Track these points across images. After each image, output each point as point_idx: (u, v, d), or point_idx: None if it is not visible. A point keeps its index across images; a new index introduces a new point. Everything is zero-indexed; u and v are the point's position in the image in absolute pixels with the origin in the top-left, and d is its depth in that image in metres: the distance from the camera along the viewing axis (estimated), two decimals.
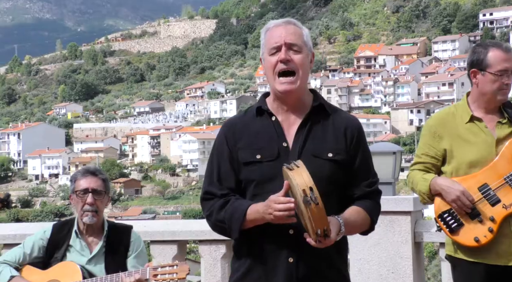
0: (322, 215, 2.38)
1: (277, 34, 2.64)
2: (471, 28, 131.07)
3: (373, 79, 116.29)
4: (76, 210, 3.53)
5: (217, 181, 2.68)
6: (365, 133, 2.75)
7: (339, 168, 2.62)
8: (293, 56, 2.62)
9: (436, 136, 3.37)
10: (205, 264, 4.97)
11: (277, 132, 2.64)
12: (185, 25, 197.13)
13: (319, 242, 2.43)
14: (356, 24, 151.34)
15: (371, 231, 2.76)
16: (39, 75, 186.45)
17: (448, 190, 3.25)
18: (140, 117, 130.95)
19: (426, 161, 3.39)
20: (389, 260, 4.76)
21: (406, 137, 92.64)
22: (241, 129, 2.68)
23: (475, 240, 3.22)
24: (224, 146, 2.69)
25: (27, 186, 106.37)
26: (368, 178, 2.70)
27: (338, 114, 2.70)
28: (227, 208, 2.62)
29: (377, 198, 2.73)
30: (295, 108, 2.67)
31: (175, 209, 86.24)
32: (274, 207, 2.47)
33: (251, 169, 2.63)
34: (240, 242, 2.68)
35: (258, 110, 2.69)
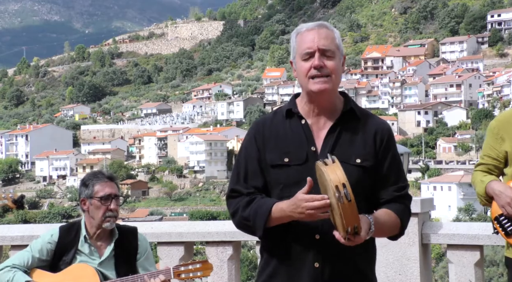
0: (354, 212, 2.36)
1: (309, 39, 2.61)
2: (479, 30, 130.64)
3: (380, 80, 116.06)
4: (93, 215, 3.48)
5: (244, 180, 2.66)
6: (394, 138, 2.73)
7: (367, 173, 2.60)
8: (326, 62, 2.60)
9: (499, 138, 3.32)
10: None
11: (306, 136, 2.63)
12: (192, 27, 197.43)
13: (349, 239, 2.41)
14: (364, 26, 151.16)
15: (400, 235, 2.71)
16: (47, 77, 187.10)
17: (499, 195, 3.23)
18: (147, 119, 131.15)
19: (488, 162, 3.36)
20: (396, 262, 4.75)
21: (414, 139, 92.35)
22: (270, 130, 2.66)
23: None
24: (253, 145, 2.67)
25: (35, 187, 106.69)
26: (398, 183, 2.67)
27: (368, 119, 2.67)
28: (252, 205, 2.60)
29: (407, 203, 2.69)
30: (325, 111, 2.65)
31: (182, 210, 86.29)
32: (307, 205, 2.44)
33: (278, 171, 2.62)
34: (266, 244, 2.68)
35: (288, 113, 2.68)
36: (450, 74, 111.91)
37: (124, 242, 3.52)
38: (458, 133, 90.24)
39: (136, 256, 3.53)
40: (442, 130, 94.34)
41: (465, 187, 70.63)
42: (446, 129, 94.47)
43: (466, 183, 70.26)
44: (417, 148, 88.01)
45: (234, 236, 4.88)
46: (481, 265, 4.61)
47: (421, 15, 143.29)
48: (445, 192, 71.44)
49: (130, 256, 3.52)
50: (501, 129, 3.32)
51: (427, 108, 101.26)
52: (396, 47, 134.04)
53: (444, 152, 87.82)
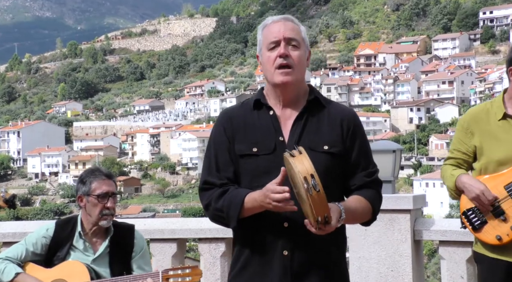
0: (323, 202, 2.37)
1: (275, 30, 2.64)
2: (471, 27, 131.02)
3: (373, 77, 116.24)
4: (90, 213, 3.48)
5: (216, 171, 2.66)
6: (362, 123, 2.74)
7: (335, 160, 2.62)
8: (291, 51, 2.62)
9: (468, 132, 3.35)
10: (205, 262, 4.97)
11: (274, 126, 2.64)
12: (185, 24, 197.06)
13: (320, 229, 2.42)
14: (356, 23, 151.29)
15: (373, 221, 2.72)
16: (39, 74, 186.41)
17: (469, 188, 3.25)
18: (140, 116, 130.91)
19: (458, 157, 3.39)
20: (388, 258, 4.76)
21: (406, 136, 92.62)
22: (239, 121, 2.68)
23: (497, 238, 3.22)
24: (222, 136, 2.68)
25: (27, 184, 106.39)
26: (367, 168, 2.68)
27: (333, 107, 2.70)
28: (225, 196, 2.60)
29: (378, 188, 2.71)
30: (291, 102, 2.66)
31: (175, 207, 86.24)
32: (271, 197, 2.46)
33: (246, 161, 2.63)
34: (237, 233, 2.68)
35: (256, 103, 2.70)
36: (442, 71, 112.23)
37: (119, 239, 3.51)
38: (451, 130, 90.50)
39: (131, 254, 3.52)
40: (435, 127, 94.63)
41: None
42: (439, 126, 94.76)
43: None
44: (410, 145, 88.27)
45: (227, 232, 4.88)
46: (473, 261, 4.62)
47: (414, 12, 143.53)
48: (437, 189, 71.65)
49: (125, 254, 3.51)
50: (471, 124, 3.35)
51: (419, 105, 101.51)
52: (388, 44, 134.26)
53: (436, 148, 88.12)
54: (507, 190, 3.23)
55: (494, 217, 3.24)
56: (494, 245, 3.24)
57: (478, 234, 3.28)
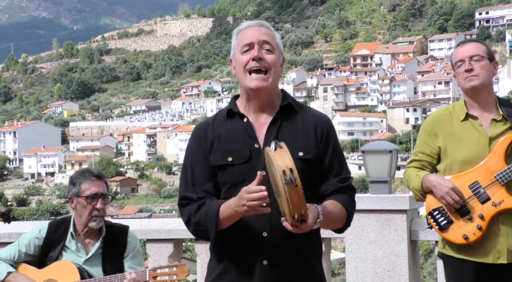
0: (301, 198, 2.31)
1: (250, 34, 2.63)
2: (467, 27, 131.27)
3: (369, 77, 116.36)
4: (80, 214, 3.48)
5: (192, 185, 2.65)
6: (336, 130, 2.73)
7: (310, 166, 2.60)
8: (265, 55, 2.61)
9: (432, 134, 3.38)
10: (201, 263, 4.97)
11: (248, 133, 2.62)
12: (181, 24, 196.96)
13: (296, 227, 2.37)
14: (353, 23, 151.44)
15: (347, 227, 2.70)
16: (35, 74, 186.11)
17: (438, 186, 3.26)
18: (136, 116, 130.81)
19: (422, 159, 3.40)
20: (385, 258, 4.76)
21: (402, 136, 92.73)
22: (213, 132, 2.66)
23: (464, 238, 3.23)
24: (197, 149, 2.67)
25: (23, 184, 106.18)
26: (341, 174, 2.66)
27: (307, 112, 2.68)
28: (201, 209, 2.58)
29: (352, 194, 2.68)
30: (265, 108, 2.64)
31: (171, 208, 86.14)
32: (246, 197, 2.41)
33: (223, 172, 2.61)
34: (216, 243, 2.65)
35: (229, 113, 2.67)
36: (438, 71, 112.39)
37: (112, 240, 3.51)
38: None
39: (123, 254, 3.52)
40: None
41: None
42: None
43: None
44: (406, 145, 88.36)
45: None
46: None
47: (410, 13, 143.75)
48: None
49: (117, 254, 3.51)
50: (435, 126, 3.38)
51: (415, 106, 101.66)
52: (385, 44, 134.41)
53: None
54: (471, 190, 3.25)
55: (460, 216, 3.24)
56: (461, 244, 3.24)
57: (444, 234, 3.28)
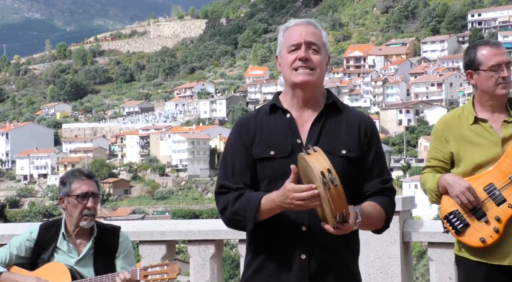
0: (342, 197, 2.33)
1: (297, 33, 2.64)
2: (460, 29, 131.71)
3: (362, 79, 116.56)
4: (71, 214, 3.48)
5: (232, 175, 2.66)
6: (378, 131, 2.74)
7: (352, 164, 2.61)
8: (312, 55, 2.63)
9: (443, 140, 3.36)
10: (194, 264, 4.96)
11: (291, 129, 2.64)
12: (175, 25, 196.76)
13: (337, 228, 2.39)
14: (346, 25, 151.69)
15: (385, 229, 2.72)
16: (27, 75, 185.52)
17: (454, 185, 3.23)
18: (129, 117, 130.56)
19: (435, 165, 3.39)
20: (377, 260, 4.77)
21: (395, 138, 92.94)
22: (255, 126, 2.67)
23: (481, 241, 3.21)
24: (238, 142, 2.67)
25: (15, 186, 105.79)
26: (382, 175, 2.68)
27: (350, 112, 2.70)
28: (241, 199, 2.59)
29: (392, 196, 2.70)
30: (309, 105, 2.66)
31: (164, 209, 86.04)
32: (295, 196, 2.42)
33: (264, 165, 2.62)
34: (253, 238, 2.67)
35: (272, 108, 2.68)
36: (431, 73, 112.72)
37: (103, 240, 3.51)
38: None
39: (115, 255, 3.52)
40: (424, 129, 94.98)
41: None
42: (427, 128, 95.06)
43: None
44: (399, 147, 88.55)
45: (217, 234, 4.88)
46: None
47: (403, 15, 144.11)
48: None
49: (109, 254, 3.51)
50: (445, 131, 3.36)
51: (408, 107, 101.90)
52: (378, 46, 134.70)
53: (425, 150, 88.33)
54: (486, 192, 3.23)
55: (477, 219, 3.22)
56: (478, 247, 3.22)
57: (461, 237, 3.26)
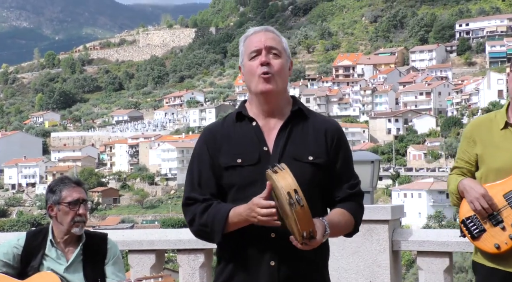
0: (308, 217, 2.37)
1: (256, 39, 2.66)
2: (448, 38, 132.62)
3: (351, 88, 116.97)
4: (62, 221, 3.47)
5: (198, 186, 2.66)
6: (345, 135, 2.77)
7: (320, 170, 2.62)
8: (273, 60, 2.63)
9: (471, 142, 3.34)
10: (184, 274, 4.95)
11: (257, 137, 2.64)
12: (164, 34, 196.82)
13: (305, 244, 2.42)
14: (335, 34, 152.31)
15: (355, 232, 2.76)
16: (16, 84, 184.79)
17: (469, 190, 3.23)
18: (118, 126, 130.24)
19: (461, 166, 3.38)
20: (367, 269, 4.77)
21: (384, 146, 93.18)
22: (222, 135, 2.67)
23: (496, 247, 3.20)
24: (205, 152, 2.67)
25: (3, 195, 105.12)
26: (350, 180, 2.70)
27: (317, 118, 2.71)
28: (209, 211, 2.60)
29: (360, 200, 2.73)
30: (274, 113, 2.67)
31: (154, 218, 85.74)
32: (257, 211, 2.46)
33: (231, 173, 2.62)
34: (223, 247, 2.68)
35: (238, 116, 2.69)
36: (419, 82, 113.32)
37: (92, 246, 3.51)
38: (428, 140, 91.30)
39: (104, 261, 3.52)
40: (412, 137, 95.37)
41: (435, 194, 71.36)
42: (416, 137, 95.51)
43: (436, 190, 70.95)
44: (388, 155, 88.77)
45: (206, 243, 4.86)
46: (450, 271, 4.66)
47: (391, 24, 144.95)
48: (415, 199, 72.12)
49: (98, 261, 3.50)
50: (474, 133, 3.35)
51: (397, 116, 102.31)
52: (366, 55, 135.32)
53: (414, 159, 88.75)
54: (506, 199, 3.22)
55: (493, 225, 3.22)
56: (492, 254, 3.22)
57: (476, 242, 3.26)
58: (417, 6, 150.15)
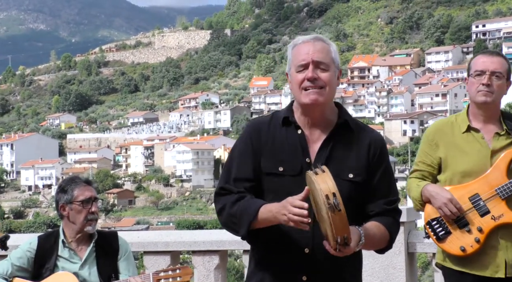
0: (344, 222, 2.34)
1: (304, 51, 2.62)
2: (464, 40, 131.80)
3: (366, 90, 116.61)
4: (74, 220, 3.50)
5: (234, 180, 2.64)
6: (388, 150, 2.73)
7: (359, 188, 2.60)
8: (320, 74, 2.60)
9: (433, 145, 3.37)
10: (199, 275, 4.95)
11: (302, 146, 2.61)
12: (179, 36, 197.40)
13: (339, 250, 2.40)
14: (350, 35, 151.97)
15: (388, 249, 2.71)
16: (32, 86, 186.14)
17: (436, 196, 3.25)
18: (134, 128, 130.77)
19: (423, 169, 3.39)
20: (382, 271, 4.75)
21: (400, 148, 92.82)
22: (267, 135, 2.64)
23: (461, 249, 3.22)
24: (248, 146, 2.65)
25: (20, 196, 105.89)
26: (388, 196, 2.66)
27: (362, 131, 2.67)
28: (241, 203, 2.58)
29: (396, 216, 2.68)
30: (319, 123, 2.64)
31: (169, 220, 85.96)
32: (289, 209, 2.43)
33: (272, 179, 2.61)
34: (255, 253, 2.67)
35: (285, 121, 2.67)
36: (435, 83, 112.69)
37: (104, 243, 3.55)
38: None
39: (117, 257, 3.55)
40: None
41: None
42: None
43: None
44: (403, 157, 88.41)
45: (221, 245, 4.87)
46: None
47: (407, 25, 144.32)
48: None
49: (111, 257, 3.54)
50: (436, 136, 3.37)
51: (413, 118, 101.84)
52: (382, 56, 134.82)
53: None
54: (471, 202, 3.24)
55: (459, 228, 3.23)
56: (459, 256, 3.23)
57: (442, 244, 3.27)
58: (433, 7, 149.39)
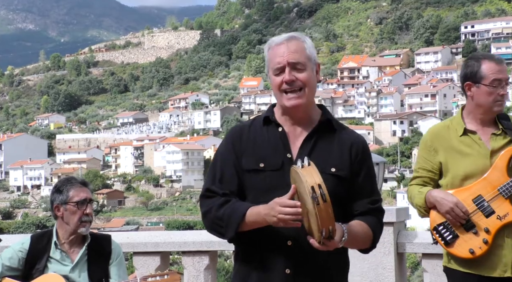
0: (329, 214, 2.33)
1: (279, 53, 2.62)
2: (453, 40, 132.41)
3: (356, 90, 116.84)
4: (68, 221, 3.48)
5: (219, 182, 2.66)
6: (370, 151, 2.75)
7: (341, 183, 2.61)
8: (297, 75, 2.60)
9: (432, 150, 3.37)
10: (189, 276, 4.95)
11: (283, 143, 2.64)
12: (169, 36, 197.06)
13: (323, 244, 2.40)
14: (340, 36, 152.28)
15: (372, 248, 2.72)
16: (21, 86, 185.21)
17: (441, 202, 3.26)
18: (123, 128, 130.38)
19: (423, 175, 3.40)
20: (371, 271, 4.77)
21: (389, 148, 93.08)
22: (248, 136, 2.68)
23: (470, 252, 3.22)
24: (230, 150, 2.68)
25: (9, 197, 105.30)
26: (371, 196, 2.68)
27: (344, 131, 2.69)
28: (227, 206, 2.59)
29: (380, 216, 2.70)
30: (302, 121, 2.66)
31: (159, 220, 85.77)
32: (279, 209, 2.43)
33: (253, 176, 2.62)
34: (239, 251, 2.68)
35: (266, 120, 2.69)
36: (425, 84, 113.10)
37: (96, 247, 3.53)
38: None
39: (109, 261, 3.53)
40: (417, 139, 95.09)
41: None
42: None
43: None
44: (393, 157, 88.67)
45: (211, 245, 4.87)
46: None
47: (397, 26, 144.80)
48: None
49: (103, 260, 3.52)
50: (434, 141, 3.38)
51: (402, 118, 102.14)
52: (372, 57, 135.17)
53: None
54: (475, 203, 3.25)
55: (466, 230, 3.24)
56: (467, 259, 3.24)
57: (450, 248, 3.27)
58: (422, 8, 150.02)
